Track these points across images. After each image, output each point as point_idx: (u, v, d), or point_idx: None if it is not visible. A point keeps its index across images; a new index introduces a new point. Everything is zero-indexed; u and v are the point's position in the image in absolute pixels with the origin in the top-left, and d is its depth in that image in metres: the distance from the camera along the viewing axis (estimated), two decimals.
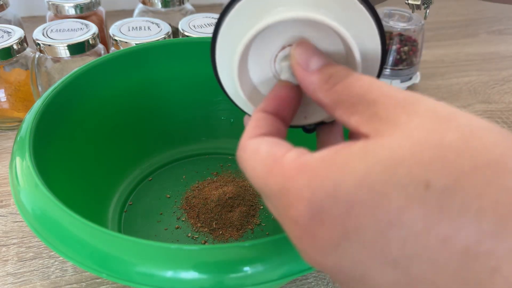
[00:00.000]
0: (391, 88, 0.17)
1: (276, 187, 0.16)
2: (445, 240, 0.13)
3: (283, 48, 0.21)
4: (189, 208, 0.37)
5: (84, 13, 0.53)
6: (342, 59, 0.21)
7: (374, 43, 0.20)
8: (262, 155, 0.18)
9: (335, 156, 0.15)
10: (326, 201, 0.15)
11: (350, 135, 0.21)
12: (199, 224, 0.35)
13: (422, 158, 0.14)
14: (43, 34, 0.43)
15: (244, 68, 0.22)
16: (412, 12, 0.45)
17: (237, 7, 0.20)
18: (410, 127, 0.15)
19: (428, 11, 0.44)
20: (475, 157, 0.13)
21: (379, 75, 0.21)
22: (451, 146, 0.14)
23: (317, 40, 0.21)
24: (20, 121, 0.47)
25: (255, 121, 0.20)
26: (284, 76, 0.21)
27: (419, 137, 0.14)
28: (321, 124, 0.23)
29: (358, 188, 0.14)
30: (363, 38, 0.20)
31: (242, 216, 0.35)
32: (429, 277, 0.14)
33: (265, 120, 0.20)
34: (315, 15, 0.19)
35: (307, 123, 0.23)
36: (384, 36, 0.20)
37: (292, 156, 0.16)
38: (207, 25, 0.47)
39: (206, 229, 0.35)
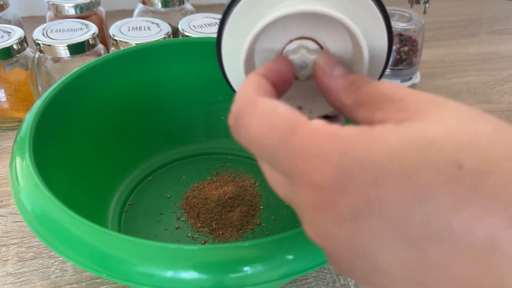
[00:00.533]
0: (416, 91, 0.17)
1: (299, 148, 0.16)
2: (472, 222, 0.13)
3: (291, 41, 0.21)
4: (189, 208, 0.37)
5: (84, 13, 0.53)
6: (349, 55, 0.21)
7: (381, 40, 0.20)
8: (283, 113, 0.17)
9: (369, 130, 0.15)
10: (355, 168, 0.14)
11: None
12: (199, 224, 0.35)
13: (456, 140, 0.14)
14: (43, 34, 0.43)
15: (250, 59, 0.21)
16: (411, 7, 0.44)
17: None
18: (441, 117, 0.15)
19: (428, 5, 0.43)
20: (508, 146, 0.13)
21: (382, 72, 0.21)
22: (483, 134, 0.14)
23: (324, 33, 0.21)
24: (20, 121, 0.47)
25: (259, 82, 0.19)
26: None
27: (452, 124, 0.14)
28: (325, 118, 0.23)
29: (390, 159, 0.14)
30: (370, 34, 0.20)
31: (242, 216, 0.35)
32: (445, 262, 0.14)
33: (268, 86, 0.19)
34: (323, 8, 0.19)
35: (311, 117, 0.23)
36: (392, 34, 0.20)
37: (321, 123, 0.16)
38: (207, 25, 0.47)
39: (206, 229, 0.35)
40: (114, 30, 0.46)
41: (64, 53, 0.42)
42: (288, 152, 0.16)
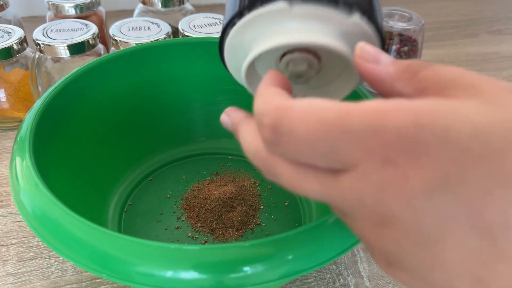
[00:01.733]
0: (488, 77, 0.15)
1: (362, 127, 0.14)
2: None
3: (289, 52, 0.21)
4: (189, 208, 0.37)
5: (84, 13, 0.53)
6: (342, 64, 0.21)
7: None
8: (325, 105, 0.15)
9: (446, 103, 0.14)
10: (433, 142, 0.13)
11: None
12: (199, 224, 0.35)
13: None
14: (43, 34, 0.43)
15: (251, 67, 0.22)
16: None
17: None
18: None
19: None
20: None
21: None
22: None
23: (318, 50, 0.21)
24: (20, 121, 0.47)
25: (275, 92, 0.18)
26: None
27: None
28: None
29: (474, 137, 0.13)
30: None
31: (242, 216, 0.35)
32: None
33: (284, 92, 0.18)
34: (310, 39, 0.19)
35: None
36: (384, 40, 0.20)
37: (374, 102, 0.14)
38: (207, 25, 0.47)
39: (206, 229, 0.35)
40: (114, 30, 0.46)
41: (64, 53, 0.42)
42: (349, 136, 0.14)
